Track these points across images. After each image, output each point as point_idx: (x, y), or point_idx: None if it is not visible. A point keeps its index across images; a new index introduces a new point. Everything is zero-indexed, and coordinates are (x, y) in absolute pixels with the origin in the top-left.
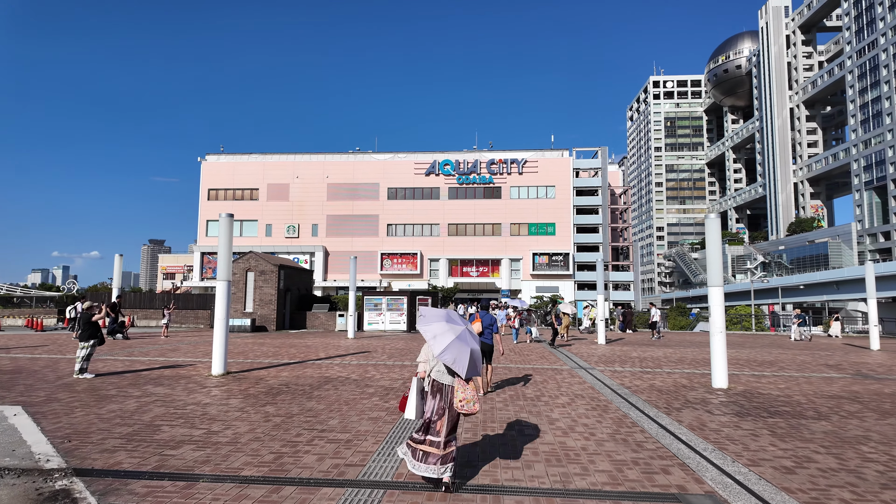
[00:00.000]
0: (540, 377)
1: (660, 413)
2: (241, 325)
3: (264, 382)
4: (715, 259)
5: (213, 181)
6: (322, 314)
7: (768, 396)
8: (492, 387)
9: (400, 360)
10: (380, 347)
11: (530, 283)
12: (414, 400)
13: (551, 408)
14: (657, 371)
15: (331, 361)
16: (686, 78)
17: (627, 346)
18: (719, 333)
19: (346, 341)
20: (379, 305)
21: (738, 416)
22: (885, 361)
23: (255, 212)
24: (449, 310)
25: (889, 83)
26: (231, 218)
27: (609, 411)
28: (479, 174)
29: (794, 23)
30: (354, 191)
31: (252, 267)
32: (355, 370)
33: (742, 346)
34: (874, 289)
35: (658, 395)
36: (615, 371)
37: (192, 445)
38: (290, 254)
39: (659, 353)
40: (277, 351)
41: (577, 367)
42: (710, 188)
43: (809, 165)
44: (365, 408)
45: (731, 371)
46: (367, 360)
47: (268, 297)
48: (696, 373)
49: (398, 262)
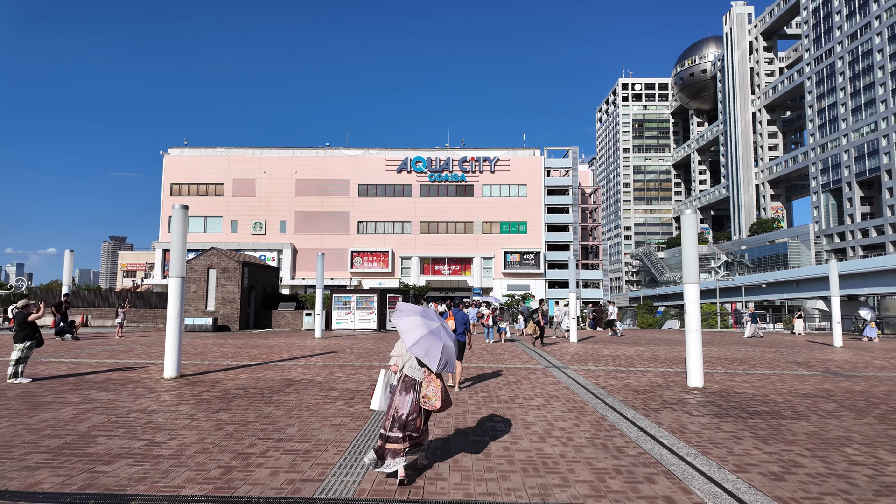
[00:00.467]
0: (513, 377)
1: (638, 415)
2: (203, 325)
3: (220, 386)
4: (690, 256)
5: (176, 176)
6: (288, 313)
7: (744, 396)
8: (462, 384)
9: (368, 360)
10: (347, 347)
11: (502, 282)
12: (380, 391)
13: (526, 410)
14: (631, 370)
15: (294, 363)
16: (654, 81)
17: (599, 344)
18: (695, 332)
19: (312, 341)
20: (348, 304)
21: (718, 416)
22: (849, 358)
23: (221, 207)
24: (425, 307)
25: (845, 90)
26: (185, 210)
27: (586, 413)
28: (451, 172)
29: (757, 29)
30: (324, 187)
31: (214, 264)
32: (320, 372)
33: (711, 344)
34: (837, 287)
35: (634, 395)
36: (589, 370)
37: (128, 460)
38: (257, 251)
39: (631, 352)
40: (238, 352)
41: (551, 366)
42: (675, 189)
43: (770, 168)
44: (327, 413)
45: (704, 369)
46: (334, 360)
47: (231, 295)
48: (669, 371)
49: (369, 259)
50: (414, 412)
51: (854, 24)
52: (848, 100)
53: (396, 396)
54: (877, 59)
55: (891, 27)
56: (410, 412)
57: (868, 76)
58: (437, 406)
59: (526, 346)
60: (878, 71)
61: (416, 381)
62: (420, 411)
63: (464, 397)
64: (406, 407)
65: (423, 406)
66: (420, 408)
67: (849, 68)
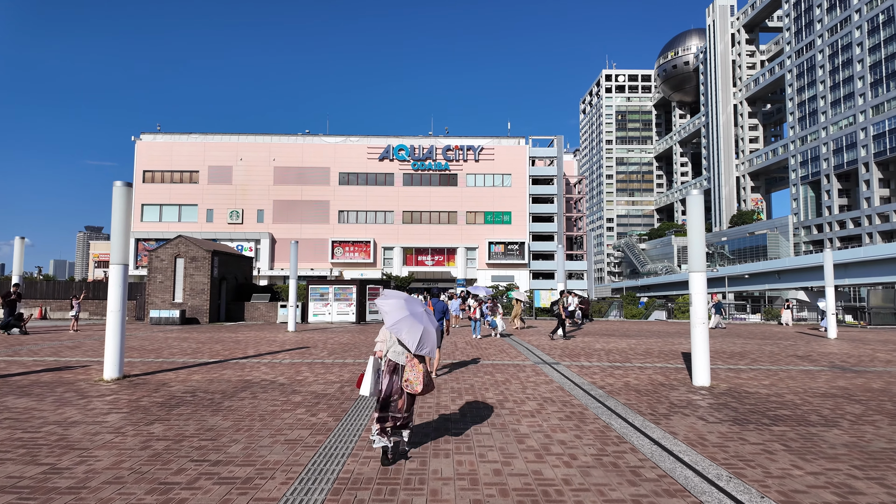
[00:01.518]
0: (501, 375)
1: (647, 422)
2: (169, 318)
3: (166, 389)
4: (697, 241)
5: (148, 162)
6: (262, 305)
7: (758, 396)
8: (444, 381)
9: (342, 356)
10: (321, 342)
11: (486, 273)
12: (370, 378)
13: (518, 418)
14: (627, 366)
15: (259, 360)
16: (637, 73)
17: (588, 336)
18: (701, 325)
19: (284, 335)
20: (325, 295)
21: (738, 423)
22: (850, 351)
23: (195, 196)
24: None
25: (824, 83)
26: (129, 188)
27: (587, 421)
28: (434, 160)
29: (739, 21)
30: (303, 175)
31: (181, 253)
32: (285, 371)
33: None
34: (832, 277)
35: (637, 396)
36: (582, 367)
37: (10, 496)
38: (234, 241)
39: (623, 345)
40: (200, 347)
41: (541, 361)
42: (657, 181)
43: (751, 160)
44: (283, 425)
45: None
46: (303, 357)
47: (200, 286)
48: (669, 367)
49: (350, 250)
50: (395, 394)
51: (834, 18)
52: (827, 93)
53: (382, 379)
54: (856, 53)
55: (870, 21)
56: (392, 393)
57: (847, 70)
58: (419, 390)
59: (512, 340)
60: (857, 64)
61: (400, 364)
62: (402, 394)
63: (446, 401)
64: (389, 389)
65: (405, 390)
66: (402, 390)
67: (829, 61)
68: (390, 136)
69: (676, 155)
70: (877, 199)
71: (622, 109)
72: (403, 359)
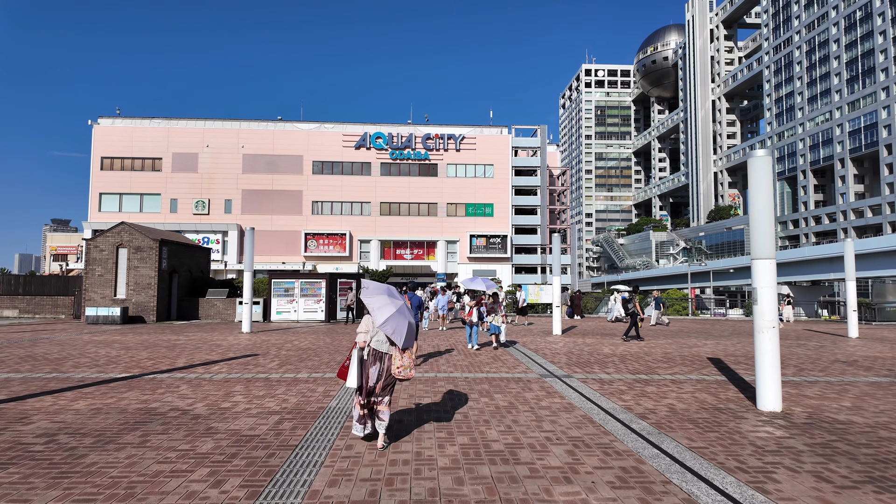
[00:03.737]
0: (503, 397)
1: (743, 486)
2: (109, 316)
3: (17, 428)
4: (763, 217)
5: (107, 149)
6: (219, 301)
7: (857, 428)
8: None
9: (295, 368)
10: (276, 347)
11: (467, 267)
12: (355, 370)
13: (548, 483)
14: (655, 379)
15: (185, 375)
16: (616, 67)
17: (589, 337)
18: (770, 330)
19: (235, 338)
20: (290, 290)
21: (876, 482)
22: (890, 353)
23: (159, 184)
24: (390, 286)
25: (801, 79)
26: None
27: (654, 490)
28: (413, 149)
29: (718, 17)
30: (274, 163)
31: (124, 242)
32: (211, 392)
33: (707, 335)
34: (853, 269)
35: (698, 432)
36: (601, 381)
37: None
38: (200, 232)
39: (635, 348)
40: (120, 356)
41: (547, 374)
42: (636, 176)
43: (728, 156)
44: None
45: (740, 372)
46: (245, 370)
47: (146, 279)
48: (708, 380)
49: (325, 242)
50: (380, 381)
51: (812, 14)
52: (804, 89)
53: (367, 368)
54: (833, 50)
55: (847, 17)
56: (377, 380)
57: (824, 66)
58: (412, 375)
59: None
60: (833, 61)
61: (383, 353)
62: (381, 379)
63: (428, 446)
64: (374, 377)
65: (398, 375)
66: (383, 376)
67: (806, 58)
68: (367, 123)
69: (655, 150)
70: (851, 194)
71: (601, 104)
72: (386, 347)
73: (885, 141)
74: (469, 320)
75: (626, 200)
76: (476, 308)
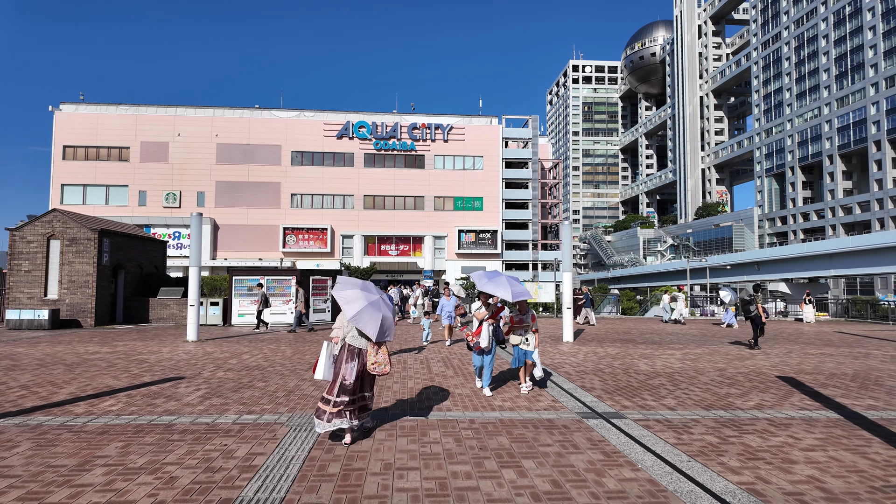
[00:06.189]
0: (534, 465)
1: None
2: (34, 320)
3: None
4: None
5: (69, 137)
6: (173, 302)
7: None
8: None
9: (222, 405)
10: (216, 363)
11: (455, 263)
12: (324, 363)
13: None
14: (744, 417)
15: (45, 420)
16: (604, 63)
17: (607, 344)
18: None
19: (171, 349)
20: (255, 289)
21: None
22: None
23: (126, 175)
24: (366, 281)
25: (790, 75)
26: None
27: None
28: (399, 140)
29: (706, 13)
30: (250, 153)
31: (57, 232)
32: (51, 463)
33: (738, 339)
34: None
35: None
36: (671, 424)
37: None
38: (170, 226)
39: (675, 363)
40: None
41: (586, 410)
42: (623, 173)
43: (716, 152)
44: None
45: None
46: (147, 408)
47: (82, 277)
48: (816, 418)
49: (304, 237)
50: (358, 378)
51: (801, 10)
52: (793, 85)
53: (342, 365)
54: (821, 45)
55: (836, 13)
56: (356, 378)
57: (813, 62)
58: (387, 371)
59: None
60: (822, 57)
61: (358, 349)
62: (358, 375)
63: None
64: (352, 374)
65: (373, 372)
66: (359, 372)
67: (794, 54)
68: (349, 111)
69: (642, 147)
70: (840, 191)
71: (589, 101)
72: (362, 342)
73: (873, 137)
74: (476, 343)
75: (613, 197)
76: (490, 324)
